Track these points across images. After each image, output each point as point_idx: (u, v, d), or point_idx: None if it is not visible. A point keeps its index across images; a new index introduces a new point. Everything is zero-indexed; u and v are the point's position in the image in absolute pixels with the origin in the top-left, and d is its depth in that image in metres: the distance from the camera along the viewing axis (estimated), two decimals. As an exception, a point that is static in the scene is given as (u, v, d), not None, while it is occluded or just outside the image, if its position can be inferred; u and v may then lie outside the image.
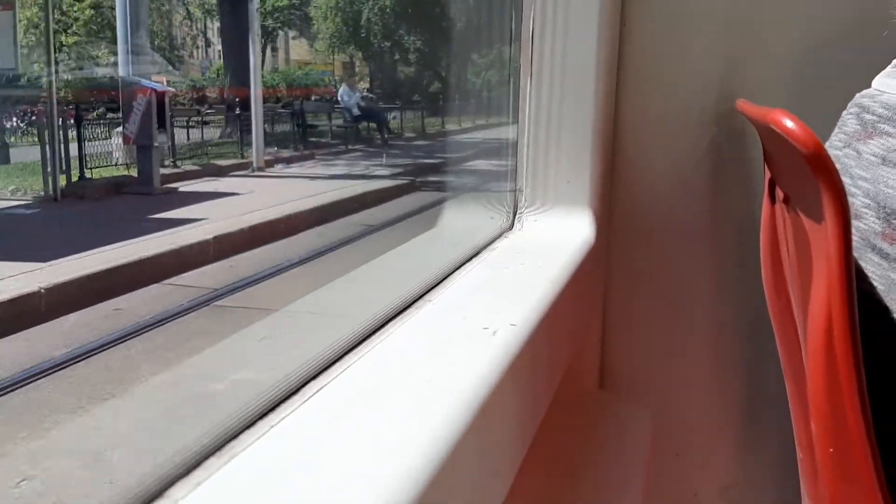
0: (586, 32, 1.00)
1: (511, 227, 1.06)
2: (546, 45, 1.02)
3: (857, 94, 0.78)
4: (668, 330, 1.21)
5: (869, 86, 0.78)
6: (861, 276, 0.66)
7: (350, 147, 14.55)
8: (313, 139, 14.87)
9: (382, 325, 0.64)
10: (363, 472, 0.41)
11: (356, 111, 15.65)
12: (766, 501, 1.23)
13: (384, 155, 13.84)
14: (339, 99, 16.17)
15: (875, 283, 0.65)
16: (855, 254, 0.65)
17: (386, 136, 15.76)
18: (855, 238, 0.65)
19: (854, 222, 0.64)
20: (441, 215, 1.13)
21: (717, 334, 1.20)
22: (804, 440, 0.77)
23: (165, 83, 12.92)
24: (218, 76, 19.56)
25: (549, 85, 1.03)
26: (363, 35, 24.84)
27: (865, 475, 0.59)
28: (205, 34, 24.06)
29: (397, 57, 25.46)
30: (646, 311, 1.21)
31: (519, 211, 1.06)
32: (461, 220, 1.17)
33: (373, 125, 15.87)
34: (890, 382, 0.64)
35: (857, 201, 0.65)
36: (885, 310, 0.64)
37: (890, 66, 0.77)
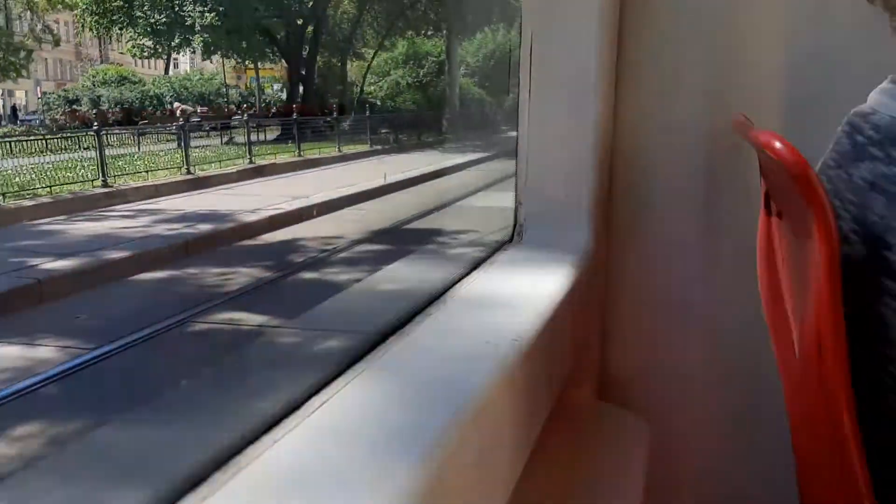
0: (585, 48, 1.02)
1: (511, 239, 1.07)
2: (544, 61, 1.03)
3: (852, 111, 0.78)
4: (667, 341, 1.21)
5: (865, 99, 0.78)
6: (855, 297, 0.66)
7: None
8: None
9: (383, 340, 0.65)
10: (364, 485, 0.42)
11: None
12: None
13: None
14: None
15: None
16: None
17: None
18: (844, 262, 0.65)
19: (843, 246, 0.65)
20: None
21: (715, 345, 1.21)
22: (800, 448, 0.78)
23: None
24: None
25: (547, 99, 1.04)
26: (124, 4, 17.25)
27: (858, 481, 0.60)
28: None
29: (177, 40, 17.66)
30: (644, 321, 1.22)
31: (519, 224, 1.07)
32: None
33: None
34: (880, 395, 0.65)
35: (845, 225, 0.66)
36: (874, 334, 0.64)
37: (886, 81, 0.77)
